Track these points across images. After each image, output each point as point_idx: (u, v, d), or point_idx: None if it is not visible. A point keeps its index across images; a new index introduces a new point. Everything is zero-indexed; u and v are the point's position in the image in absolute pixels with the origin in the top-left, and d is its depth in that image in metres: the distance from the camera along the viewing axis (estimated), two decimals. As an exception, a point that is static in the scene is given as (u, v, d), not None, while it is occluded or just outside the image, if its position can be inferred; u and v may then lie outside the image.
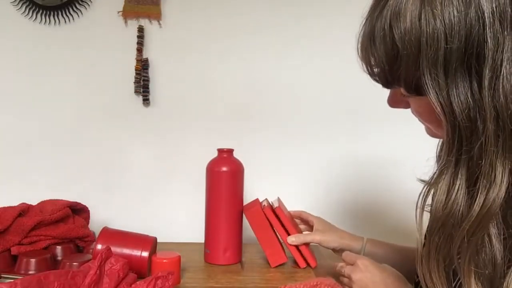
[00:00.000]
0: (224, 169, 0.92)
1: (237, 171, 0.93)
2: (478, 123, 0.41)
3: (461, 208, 0.42)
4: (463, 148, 0.42)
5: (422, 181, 0.58)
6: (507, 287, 0.42)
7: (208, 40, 1.15)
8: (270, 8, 1.15)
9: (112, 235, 0.82)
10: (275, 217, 0.90)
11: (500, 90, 0.39)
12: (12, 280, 0.56)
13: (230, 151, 0.94)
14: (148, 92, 1.13)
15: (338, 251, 0.86)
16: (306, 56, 1.16)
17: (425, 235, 0.50)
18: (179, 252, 0.81)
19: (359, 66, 0.51)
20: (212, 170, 0.93)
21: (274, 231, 0.90)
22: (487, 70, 0.39)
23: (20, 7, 1.12)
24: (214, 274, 0.86)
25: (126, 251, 0.80)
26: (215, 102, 1.16)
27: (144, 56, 1.13)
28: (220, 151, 0.94)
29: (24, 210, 0.89)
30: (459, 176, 0.43)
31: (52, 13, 1.13)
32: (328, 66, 1.16)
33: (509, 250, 0.43)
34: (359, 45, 0.50)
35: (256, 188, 1.14)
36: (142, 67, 1.12)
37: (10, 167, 1.13)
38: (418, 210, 0.47)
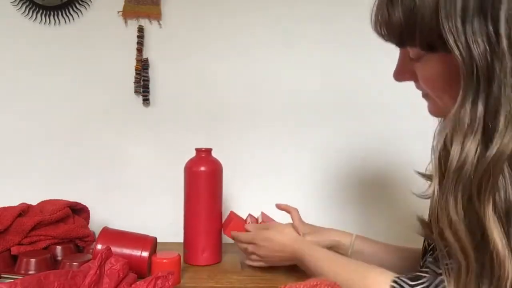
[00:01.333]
0: (202, 168, 0.92)
1: (215, 170, 0.93)
2: (495, 62, 0.43)
3: (478, 146, 0.44)
4: (481, 87, 0.44)
5: (419, 173, 0.59)
6: None
7: (208, 40, 1.15)
8: (270, 9, 1.15)
9: (112, 235, 0.82)
10: None
11: None
12: (12, 280, 0.56)
13: (209, 151, 0.94)
14: (148, 92, 1.13)
15: (329, 248, 0.86)
16: (307, 56, 1.16)
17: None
18: (179, 252, 0.81)
19: (372, 29, 0.53)
20: (190, 169, 0.93)
21: None
22: (503, 11, 0.43)
23: (20, 7, 1.12)
24: (214, 274, 0.86)
25: (126, 251, 0.80)
26: (215, 102, 1.16)
27: (144, 56, 1.13)
28: (198, 150, 0.94)
29: (24, 210, 0.89)
30: (477, 113, 0.44)
31: (52, 13, 1.13)
32: (326, 67, 1.16)
33: None
34: (375, 7, 0.52)
35: (256, 189, 1.14)
36: (142, 67, 1.12)
37: (10, 167, 1.13)
38: (435, 153, 0.49)
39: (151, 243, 0.83)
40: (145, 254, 0.81)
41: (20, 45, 1.13)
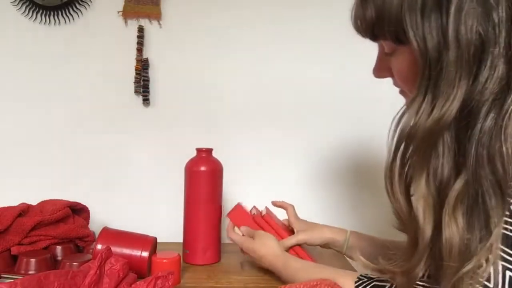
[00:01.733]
0: (203, 168, 0.92)
1: (215, 170, 0.93)
2: (443, 53, 0.47)
3: (422, 123, 0.49)
4: (430, 75, 0.49)
5: None
6: (451, 194, 0.47)
7: (208, 40, 1.15)
8: (270, 9, 1.15)
9: (112, 235, 0.82)
10: (266, 224, 0.89)
11: (462, 22, 0.46)
12: (12, 280, 0.56)
13: (209, 151, 0.94)
14: (148, 92, 1.13)
15: (324, 246, 0.89)
16: (307, 56, 1.16)
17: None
18: (179, 252, 0.81)
19: (351, 25, 0.58)
20: (190, 169, 0.93)
21: None
22: (453, 6, 0.46)
23: (20, 7, 1.12)
24: (214, 274, 0.86)
25: (126, 251, 0.80)
26: (215, 102, 1.16)
27: (144, 56, 1.13)
28: (199, 150, 0.94)
29: (24, 210, 0.89)
30: (426, 99, 0.49)
31: (52, 13, 1.13)
32: (326, 67, 1.16)
33: (457, 161, 0.49)
34: (353, 5, 0.57)
35: (256, 188, 1.14)
36: (142, 67, 1.12)
37: (10, 167, 1.13)
38: (391, 132, 0.52)
39: (151, 243, 0.83)
40: (145, 254, 0.81)
41: (20, 45, 1.13)
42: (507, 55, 0.47)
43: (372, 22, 0.54)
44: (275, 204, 0.95)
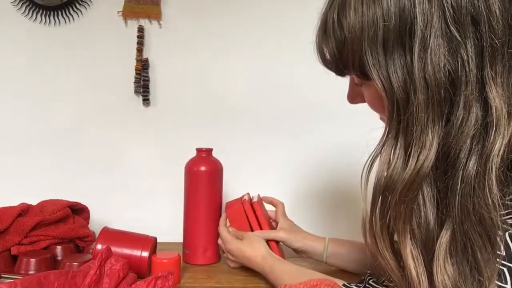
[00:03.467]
0: (203, 168, 0.92)
1: (215, 170, 0.93)
2: (411, 94, 0.44)
3: (398, 173, 0.46)
4: (400, 118, 0.46)
5: None
6: (439, 248, 0.44)
7: (208, 40, 1.15)
8: (270, 9, 1.15)
9: (112, 235, 0.82)
10: (252, 212, 0.90)
11: (429, 61, 0.43)
12: (12, 280, 0.56)
13: (209, 151, 0.94)
14: (148, 92, 1.13)
15: (300, 252, 0.88)
16: (307, 56, 1.16)
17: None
18: (179, 252, 0.81)
19: (315, 58, 0.57)
20: (190, 169, 0.93)
21: (250, 227, 0.90)
22: (417, 44, 0.43)
23: (20, 7, 1.12)
24: (214, 274, 0.86)
25: (126, 251, 0.80)
26: (215, 102, 1.16)
27: (144, 56, 1.13)
28: (199, 150, 0.94)
29: (24, 210, 0.89)
30: (398, 145, 0.46)
31: (52, 13, 1.13)
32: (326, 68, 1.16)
33: (440, 212, 0.46)
34: (316, 38, 0.56)
35: (256, 188, 1.14)
36: (142, 67, 1.12)
37: (10, 167, 1.13)
38: (363, 180, 0.50)
39: (151, 243, 0.83)
40: (145, 254, 0.81)
41: (20, 45, 1.13)
42: (480, 94, 0.43)
43: (334, 59, 0.52)
44: (266, 199, 0.95)
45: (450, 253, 0.44)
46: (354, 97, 0.59)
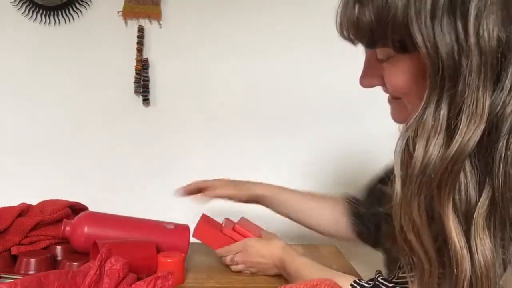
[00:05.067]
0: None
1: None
2: (462, 60, 0.43)
3: (442, 146, 0.44)
4: (446, 87, 0.44)
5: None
6: (477, 218, 0.44)
7: (208, 40, 1.15)
8: (270, 9, 1.15)
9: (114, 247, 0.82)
10: (235, 233, 0.88)
11: (484, 27, 0.42)
12: (12, 280, 0.56)
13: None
14: (148, 92, 1.13)
15: (252, 202, 0.89)
16: (307, 56, 1.16)
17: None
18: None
19: (338, 33, 0.52)
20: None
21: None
22: (473, 10, 0.42)
23: (20, 7, 1.12)
24: (214, 274, 0.86)
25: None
26: (215, 102, 1.16)
27: (144, 56, 1.13)
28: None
29: (24, 210, 0.88)
30: (441, 113, 0.44)
31: (52, 13, 1.13)
32: (327, 66, 1.16)
33: (482, 181, 0.44)
34: (341, 8, 0.52)
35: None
36: (142, 67, 1.12)
37: (10, 167, 1.13)
38: (397, 155, 0.48)
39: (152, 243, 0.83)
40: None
41: (20, 45, 1.13)
42: None
43: (370, 28, 0.48)
44: (188, 188, 0.92)
45: (488, 225, 0.44)
46: (371, 78, 0.56)
